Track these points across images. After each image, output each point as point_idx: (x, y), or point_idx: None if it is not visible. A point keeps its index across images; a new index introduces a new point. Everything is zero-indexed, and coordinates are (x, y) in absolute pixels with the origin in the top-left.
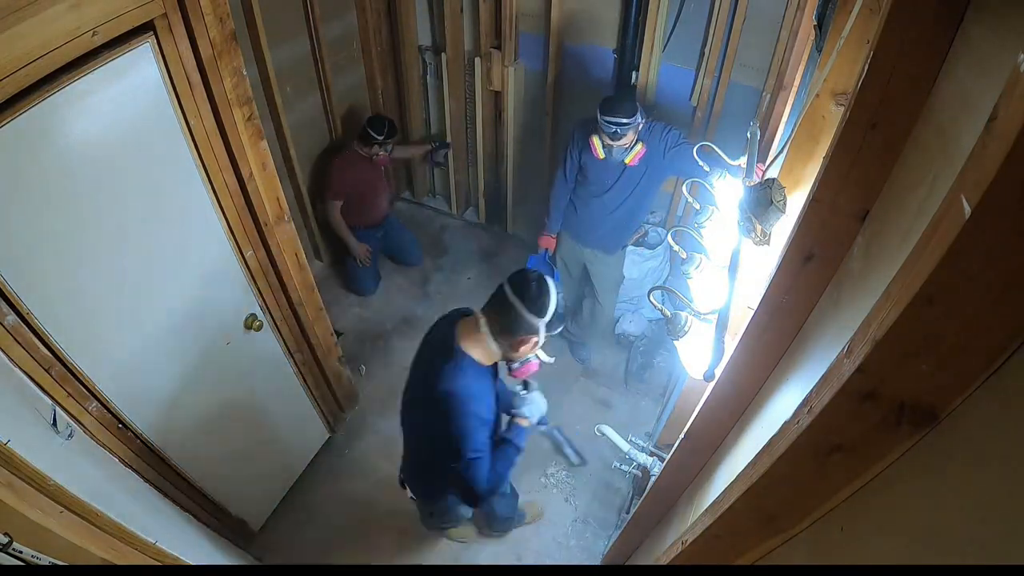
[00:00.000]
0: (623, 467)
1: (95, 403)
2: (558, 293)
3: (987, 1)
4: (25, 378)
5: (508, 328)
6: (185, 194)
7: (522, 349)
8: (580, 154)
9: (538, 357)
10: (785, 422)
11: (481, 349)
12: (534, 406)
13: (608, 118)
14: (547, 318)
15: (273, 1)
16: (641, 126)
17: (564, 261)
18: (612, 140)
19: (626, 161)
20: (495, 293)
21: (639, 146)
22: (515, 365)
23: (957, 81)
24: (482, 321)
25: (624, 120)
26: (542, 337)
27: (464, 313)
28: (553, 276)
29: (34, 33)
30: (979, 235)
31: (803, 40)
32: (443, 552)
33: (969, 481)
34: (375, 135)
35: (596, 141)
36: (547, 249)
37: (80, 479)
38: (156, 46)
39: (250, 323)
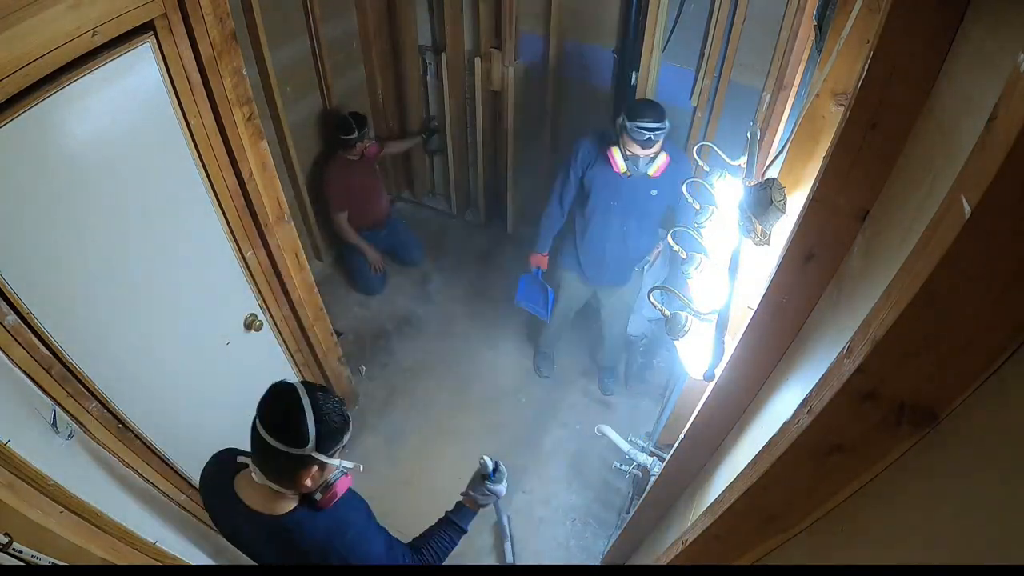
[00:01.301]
0: (623, 467)
1: (95, 403)
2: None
3: (987, 1)
4: (25, 378)
5: (280, 472)
6: (185, 194)
7: (308, 483)
8: (587, 172)
9: (344, 471)
10: (785, 422)
11: (278, 501)
12: (497, 491)
13: (642, 123)
14: (311, 444)
15: (273, 1)
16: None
17: (567, 300)
18: (644, 148)
19: (650, 173)
20: (253, 433)
21: (663, 156)
22: (317, 496)
23: (957, 81)
24: (254, 473)
25: (657, 125)
26: (327, 458)
27: (230, 460)
28: (548, 295)
29: (34, 33)
30: (979, 235)
31: (803, 40)
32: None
33: (969, 481)
34: (348, 136)
35: (616, 154)
36: (539, 267)
37: (80, 479)
38: (156, 46)
39: (250, 323)
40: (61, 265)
